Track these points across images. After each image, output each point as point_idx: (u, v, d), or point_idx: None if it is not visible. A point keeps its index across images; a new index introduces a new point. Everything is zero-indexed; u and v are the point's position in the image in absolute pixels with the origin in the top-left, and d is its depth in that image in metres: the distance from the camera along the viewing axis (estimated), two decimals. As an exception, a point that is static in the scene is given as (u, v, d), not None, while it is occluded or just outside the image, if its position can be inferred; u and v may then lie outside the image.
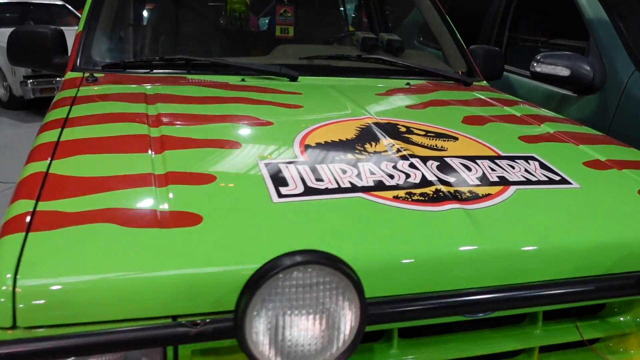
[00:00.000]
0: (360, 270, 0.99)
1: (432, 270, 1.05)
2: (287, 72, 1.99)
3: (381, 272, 1.01)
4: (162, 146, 1.34)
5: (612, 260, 1.15)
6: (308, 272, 0.80)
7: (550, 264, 1.11)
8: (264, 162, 1.28)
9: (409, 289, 1.03)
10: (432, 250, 1.06)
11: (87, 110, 1.61)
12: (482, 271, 1.07)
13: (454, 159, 1.39)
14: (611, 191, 1.36)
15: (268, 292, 0.80)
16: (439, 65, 2.47)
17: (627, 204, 1.30)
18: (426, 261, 1.04)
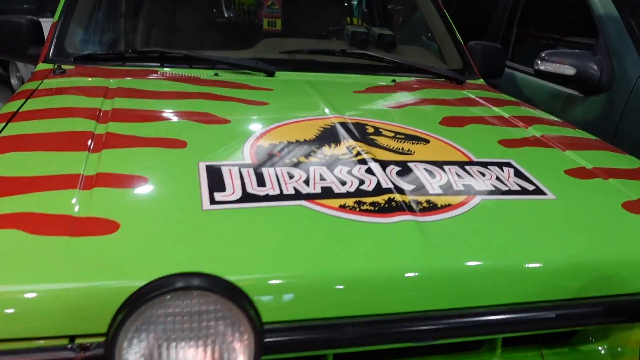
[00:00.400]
0: (282, 291, 0.89)
1: (370, 290, 0.93)
2: (263, 67, 1.89)
3: (307, 293, 0.91)
4: (102, 144, 1.25)
5: (582, 283, 1.03)
6: (193, 299, 0.70)
7: (508, 286, 0.99)
8: (206, 164, 1.18)
9: (341, 311, 0.92)
10: (370, 268, 0.95)
11: (40, 104, 1.53)
12: (428, 293, 0.96)
13: (419, 164, 1.27)
14: (590, 203, 1.22)
15: (144, 317, 0.70)
16: (433, 61, 2.34)
17: (605, 219, 1.17)
18: (362, 280, 0.93)
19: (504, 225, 1.09)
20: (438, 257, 0.98)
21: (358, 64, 2.09)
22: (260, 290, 0.87)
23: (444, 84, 2.08)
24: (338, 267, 0.93)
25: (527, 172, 1.30)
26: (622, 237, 1.12)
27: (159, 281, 0.70)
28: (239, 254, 0.92)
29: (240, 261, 0.91)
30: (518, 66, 3.20)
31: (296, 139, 1.34)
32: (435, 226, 1.05)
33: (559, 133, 1.67)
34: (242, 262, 0.91)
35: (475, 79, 2.28)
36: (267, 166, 1.19)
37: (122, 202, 1.04)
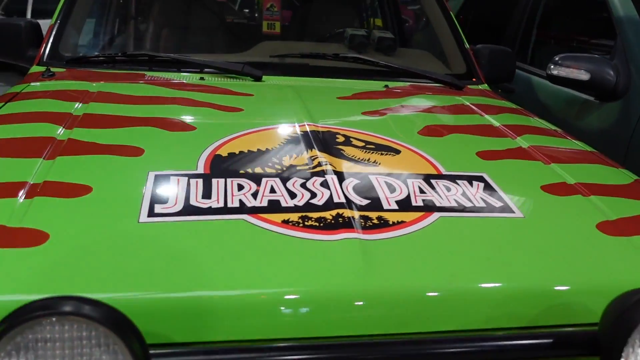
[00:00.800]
0: (203, 310, 0.85)
1: (298, 312, 0.89)
2: (249, 71, 1.85)
3: (229, 312, 0.86)
4: (60, 151, 1.24)
5: (536, 311, 0.95)
6: (64, 325, 0.66)
7: (452, 312, 0.93)
8: (155, 174, 1.15)
9: (266, 333, 0.87)
10: (300, 289, 0.90)
11: (15, 108, 1.54)
12: (361, 317, 0.90)
13: (381, 176, 1.21)
14: (561, 223, 1.14)
15: (16, 340, 0.67)
16: (436, 66, 2.26)
17: (574, 241, 1.08)
18: (289, 302, 0.89)
19: (457, 245, 1.03)
20: (374, 279, 0.92)
21: (352, 69, 2.04)
22: (156, 311, 0.83)
23: (441, 90, 2.00)
24: (269, 286, 0.89)
25: (499, 187, 1.23)
26: (589, 262, 1.04)
27: (36, 303, 0.67)
28: (151, 271, 0.89)
29: (148, 280, 0.87)
30: (535, 70, 3.08)
31: (258, 148, 1.30)
32: (379, 245, 0.99)
33: (550, 144, 1.57)
34: (149, 281, 0.87)
35: (479, 84, 2.19)
36: (218, 177, 1.16)
37: (58, 212, 1.02)
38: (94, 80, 1.77)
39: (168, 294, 0.86)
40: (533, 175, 1.33)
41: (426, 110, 1.73)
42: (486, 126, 1.63)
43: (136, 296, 0.85)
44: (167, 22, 2.46)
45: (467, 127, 1.60)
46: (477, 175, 1.27)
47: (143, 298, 0.85)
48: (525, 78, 3.11)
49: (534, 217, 1.14)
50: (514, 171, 1.34)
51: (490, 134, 1.57)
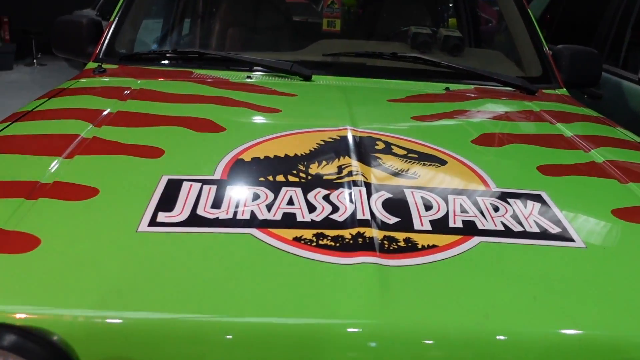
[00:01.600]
0: (183, 336, 0.75)
1: (291, 348, 0.76)
2: (298, 70, 1.74)
3: (212, 341, 0.75)
4: (80, 150, 1.18)
5: None
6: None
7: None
8: (169, 178, 1.07)
9: None
10: (298, 320, 0.77)
11: (56, 104, 1.52)
12: (368, 357, 0.76)
13: (418, 191, 1.06)
14: (632, 258, 0.94)
15: None
16: (507, 68, 2.06)
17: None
18: (282, 335, 0.76)
19: (497, 278, 0.86)
20: (387, 315, 0.78)
21: (412, 69, 1.88)
22: (125, 333, 0.74)
23: (509, 94, 1.80)
24: (244, 315, 0.77)
25: (558, 209, 1.04)
26: None
27: None
28: (132, 288, 0.79)
29: (125, 297, 0.78)
30: (628, 74, 2.77)
31: (285, 153, 1.18)
32: (401, 273, 0.84)
33: (632, 159, 1.35)
34: (126, 299, 0.78)
35: (557, 89, 1.97)
36: (234, 184, 1.05)
37: (57, 216, 0.95)
38: (142, 77, 1.73)
39: (142, 315, 0.76)
40: (604, 195, 1.13)
41: (487, 116, 1.55)
42: (555, 136, 1.43)
43: (110, 315, 0.76)
44: (228, 21, 2.41)
45: (531, 137, 1.41)
46: (533, 194, 1.09)
47: (115, 317, 0.76)
48: (616, 83, 2.81)
49: (599, 248, 0.95)
50: (581, 190, 1.14)
51: (559, 146, 1.37)
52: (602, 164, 1.28)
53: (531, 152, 1.32)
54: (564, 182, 1.16)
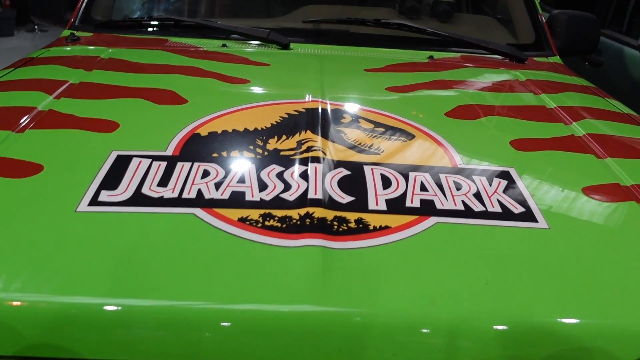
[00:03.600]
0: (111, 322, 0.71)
1: (223, 335, 0.73)
2: (275, 38, 1.68)
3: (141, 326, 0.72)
4: (34, 123, 1.14)
5: (543, 355, 0.73)
6: None
7: (419, 349, 0.73)
8: (118, 154, 1.02)
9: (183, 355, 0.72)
10: (232, 306, 0.73)
11: (20, 74, 1.47)
12: (304, 348, 0.73)
13: (378, 167, 1.01)
14: (599, 241, 0.89)
15: None
16: (498, 34, 1.97)
17: (615, 267, 0.84)
18: (214, 321, 0.73)
19: (448, 262, 0.82)
20: (329, 300, 0.74)
21: (396, 37, 1.80)
22: (51, 318, 0.71)
23: (496, 63, 1.73)
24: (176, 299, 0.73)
25: (525, 187, 0.99)
26: (628, 297, 0.79)
27: None
28: (62, 271, 0.76)
29: (54, 281, 0.74)
30: (630, 40, 2.67)
31: (245, 127, 1.13)
32: (346, 257, 0.80)
33: (616, 133, 1.29)
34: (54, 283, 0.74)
35: (549, 57, 1.89)
36: (185, 160, 1.01)
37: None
38: (115, 46, 1.68)
39: (69, 299, 0.73)
40: (577, 172, 1.07)
41: (466, 86, 1.48)
42: (537, 108, 1.36)
43: (37, 299, 0.73)
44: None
45: (510, 109, 1.34)
46: (501, 170, 1.03)
47: (41, 301, 0.73)
48: (618, 49, 2.70)
49: (563, 229, 0.90)
50: (553, 166, 1.08)
51: (539, 118, 1.30)
52: (582, 137, 1.21)
53: (507, 125, 1.26)
54: (537, 158, 1.10)
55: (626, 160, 1.13)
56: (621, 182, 1.04)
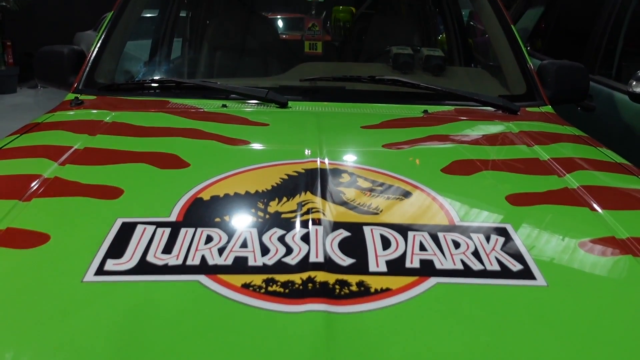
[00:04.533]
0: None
1: None
2: (274, 98, 1.72)
3: None
4: (40, 192, 1.17)
5: None
6: None
7: None
8: (123, 221, 1.05)
9: None
10: None
11: (28, 140, 1.51)
12: None
13: (377, 228, 1.03)
14: (598, 298, 0.90)
15: None
16: (491, 86, 2.03)
17: (615, 325, 0.85)
18: None
19: (449, 324, 0.83)
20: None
21: (391, 92, 1.85)
22: None
23: (489, 115, 1.77)
24: None
25: (522, 243, 1.01)
26: (629, 356, 0.80)
27: None
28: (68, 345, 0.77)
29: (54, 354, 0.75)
30: (619, 85, 2.73)
31: (247, 190, 1.16)
32: (349, 321, 0.81)
33: (609, 183, 1.31)
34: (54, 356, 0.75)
35: (541, 106, 1.93)
36: (188, 226, 1.03)
37: (2, 267, 0.93)
38: (118, 109, 1.72)
39: None
40: (573, 226, 1.10)
41: (461, 141, 1.52)
42: (530, 160, 1.40)
43: None
44: (210, 46, 2.40)
45: (504, 162, 1.38)
46: (498, 227, 1.06)
47: None
48: (608, 94, 2.76)
49: (562, 286, 0.91)
50: (549, 221, 1.11)
51: (533, 171, 1.33)
52: (576, 189, 1.24)
53: (502, 179, 1.28)
54: (533, 213, 1.13)
55: (620, 212, 1.15)
56: (617, 235, 1.06)
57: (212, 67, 2.34)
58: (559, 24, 3.78)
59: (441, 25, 3.12)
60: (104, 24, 2.16)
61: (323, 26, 2.38)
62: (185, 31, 2.85)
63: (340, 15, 3.67)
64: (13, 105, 7.88)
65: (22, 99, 8.42)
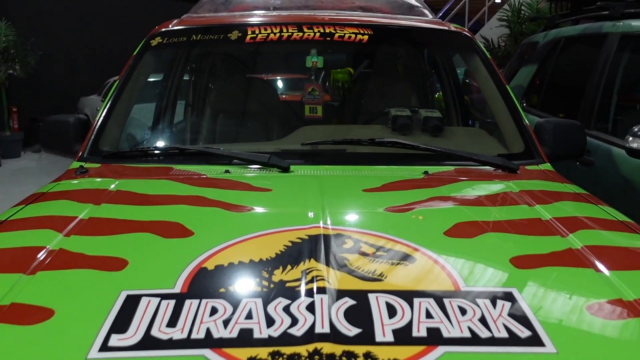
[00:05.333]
0: None
1: None
2: (276, 163, 1.75)
3: None
4: (44, 265, 1.17)
5: None
6: None
7: None
8: (128, 294, 1.04)
9: None
10: None
11: (33, 211, 1.52)
12: None
13: (383, 295, 1.03)
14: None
15: None
16: (489, 145, 2.06)
17: None
18: None
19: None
20: None
21: (391, 154, 1.88)
22: None
23: (489, 174, 1.79)
24: None
25: (529, 308, 1.00)
26: None
27: None
28: None
29: None
30: (616, 140, 2.76)
31: (251, 259, 1.16)
32: None
33: (612, 242, 1.31)
34: None
35: (540, 164, 1.95)
36: (193, 297, 1.03)
37: (7, 345, 0.93)
38: (122, 176, 1.74)
39: None
40: (579, 289, 1.09)
41: (462, 202, 1.53)
42: (532, 221, 1.40)
43: None
44: (213, 111, 2.46)
45: (507, 223, 1.38)
46: (504, 292, 1.05)
47: None
48: (606, 149, 2.80)
49: (571, 352, 0.90)
50: (555, 284, 1.10)
51: (535, 232, 1.33)
52: (580, 250, 1.24)
53: (505, 241, 1.29)
54: (538, 275, 1.12)
55: (626, 272, 1.15)
56: (624, 297, 1.05)
57: (215, 132, 2.39)
58: (553, 79, 3.86)
59: (437, 84, 3.19)
60: (109, 92, 2.21)
61: (322, 86, 2.44)
62: (188, 95, 2.91)
63: (339, 76, 3.77)
64: (17, 170, 7.96)
65: (26, 163, 8.52)
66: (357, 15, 2.42)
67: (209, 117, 2.49)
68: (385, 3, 2.64)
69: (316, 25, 2.19)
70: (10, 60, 8.40)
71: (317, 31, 2.18)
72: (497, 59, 7.47)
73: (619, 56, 3.01)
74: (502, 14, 8.10)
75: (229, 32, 2.21)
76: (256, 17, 2.36)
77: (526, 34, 7.18)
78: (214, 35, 2.25)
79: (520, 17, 7.80)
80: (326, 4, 2.63)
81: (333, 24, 2.22)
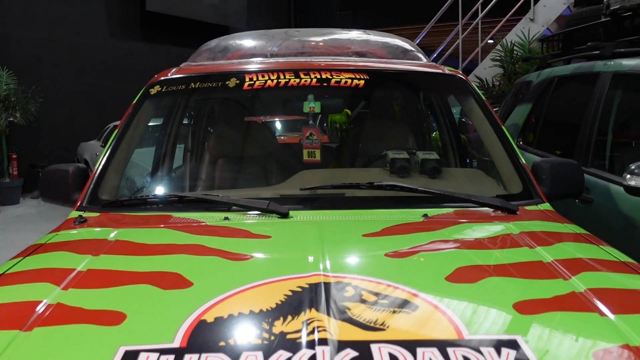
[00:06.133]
0: None
1: None
2: (275, 209, 1.74)
3: None
4: (41, 320, 1.15)
5: None
6: None
7: None
8: (126, 349, 1.03)
9: None
10: None
11: (30, 263, 1.51)
12: None
13: (385, 345, 1.01)
14: None
15: None
16: (485, 186, 2.06)
17: None
18: None
19: None
20: None
21: (390, 197, 1.88)
22: None
23: (488, 216, 1.79)
24: None
25: (535, 357, 0.98)
26: None
27: None
28: None
29: None
30: (613, 177, 2.77)
31: (251, 310, 1.15)
32: None
33: (616, 284, 1.30)
34: None
35: (539, 204, 1.95)
36: (192, 352, 1.01)
37: None
38: (121, 225, 1.74)
39: None
40: (584, 334, 1.07)
41: (463, 245, 1.52)
42: (534, 263, 1.39)
43: None
44: (211, 158, 2.47)
45: (508, 267, 1.37)
46: (508, 339, 1.03)
47: None
48: (604, 187, 2.80)
49: (579, 403, 0.88)
50: (559, 330, 1.09)
51: (537, 275, 1.32)
52: (583, 293, 1.23)
53: (507, 286, 1.27)
54: (542, 321, 1.11)
55: (631, 316, 1.13)
56: (631, 343, 1.03)
57: (214, 178, 2.39)
58: (548, 117, 3.90)
59: (434, 123, 3.22)
60: (109, 138, 2.23)
61: (320, 127, 2.46)
62: (187, 140, 2.94)
63: (336, 117, 3.80)
64: (16, 217, 7.95)
65: (24, 209, 8.51)
66: (353, 60, 2.46)
67: (208, 163, 2.50)
68: (379, 48, 2.68)
69: (313, 72, 2.23)
70: (10, 108, 8.49)
71: (314, 77, 2.21)
72: (492, 98, 7.56)
73: (612, 94, 3.05)
74: (495, 54, 8.23)
75: (227, 80, 2.25)
76: (253, 65, 2.40)
77: (519, 73, 7.28)
78: (212, 83, 2.29)
79: (513, 57, 7.92)
80: (322, 50, 2.68)
81: (329, 69, 2.25)
